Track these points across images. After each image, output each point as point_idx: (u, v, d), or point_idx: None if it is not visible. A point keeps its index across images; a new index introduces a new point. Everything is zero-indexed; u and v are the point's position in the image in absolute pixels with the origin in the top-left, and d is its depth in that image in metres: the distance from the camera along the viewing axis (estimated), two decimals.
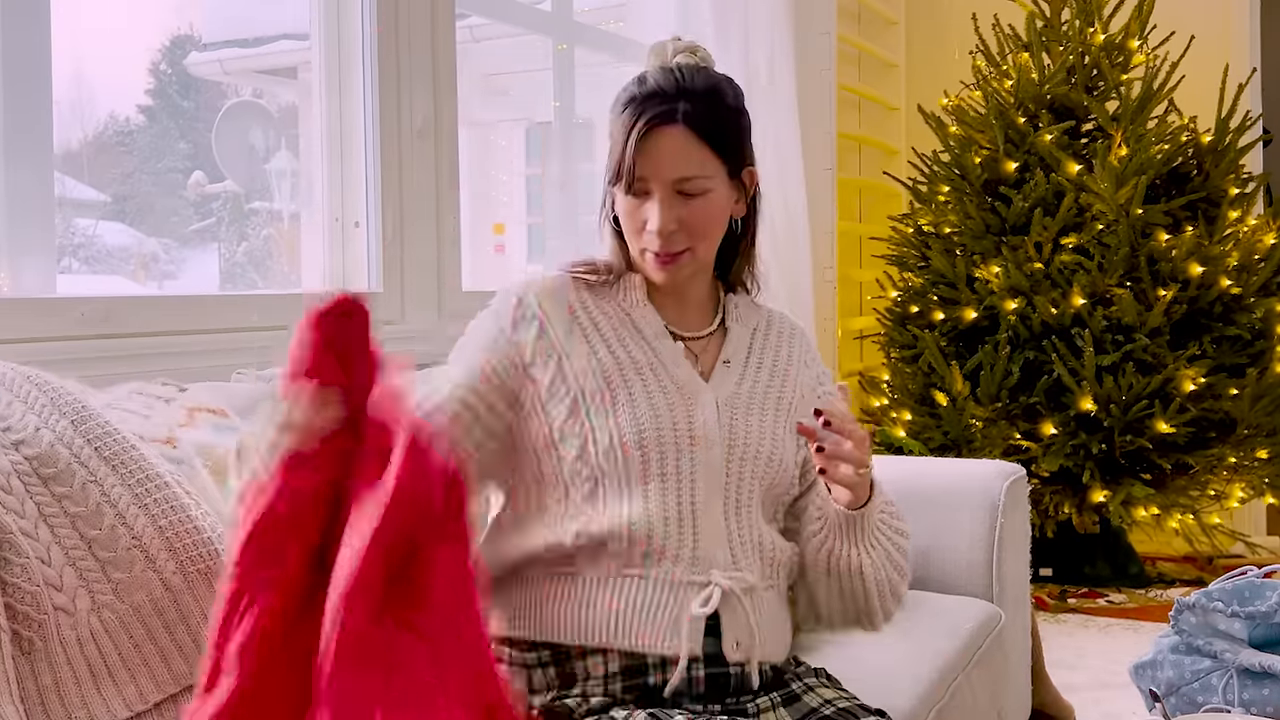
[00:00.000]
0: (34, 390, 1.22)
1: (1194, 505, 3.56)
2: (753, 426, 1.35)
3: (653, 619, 1.25)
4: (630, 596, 1.26)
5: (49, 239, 1.73)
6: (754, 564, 1.31)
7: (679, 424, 1.30)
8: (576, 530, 1.27)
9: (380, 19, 2.22)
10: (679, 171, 1.29)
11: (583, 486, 1.29)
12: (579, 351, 1.32)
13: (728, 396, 1.35)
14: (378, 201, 2.23)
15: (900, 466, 2.27)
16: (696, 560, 1.27)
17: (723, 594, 1.25)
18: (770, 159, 3.33)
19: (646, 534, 1.26)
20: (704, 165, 1.30)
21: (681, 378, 1.34)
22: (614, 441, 1.27)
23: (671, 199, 1.30)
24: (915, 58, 4.71)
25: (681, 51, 1.36)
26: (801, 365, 1.46)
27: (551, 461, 1.31)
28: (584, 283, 1.39)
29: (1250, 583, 2.00)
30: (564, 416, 1.29)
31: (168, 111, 3.29)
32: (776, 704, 1.29)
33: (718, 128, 1.30)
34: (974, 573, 2.07)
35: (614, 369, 1.31)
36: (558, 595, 1.29)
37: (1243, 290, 3.48)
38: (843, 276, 4.09)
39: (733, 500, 1.32)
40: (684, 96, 1.29)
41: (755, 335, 1.45)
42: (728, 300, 1.45)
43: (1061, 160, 3.54)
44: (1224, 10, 4.24)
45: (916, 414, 3.70)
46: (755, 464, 1.33)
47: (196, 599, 1.17)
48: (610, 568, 1.27)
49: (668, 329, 1.38)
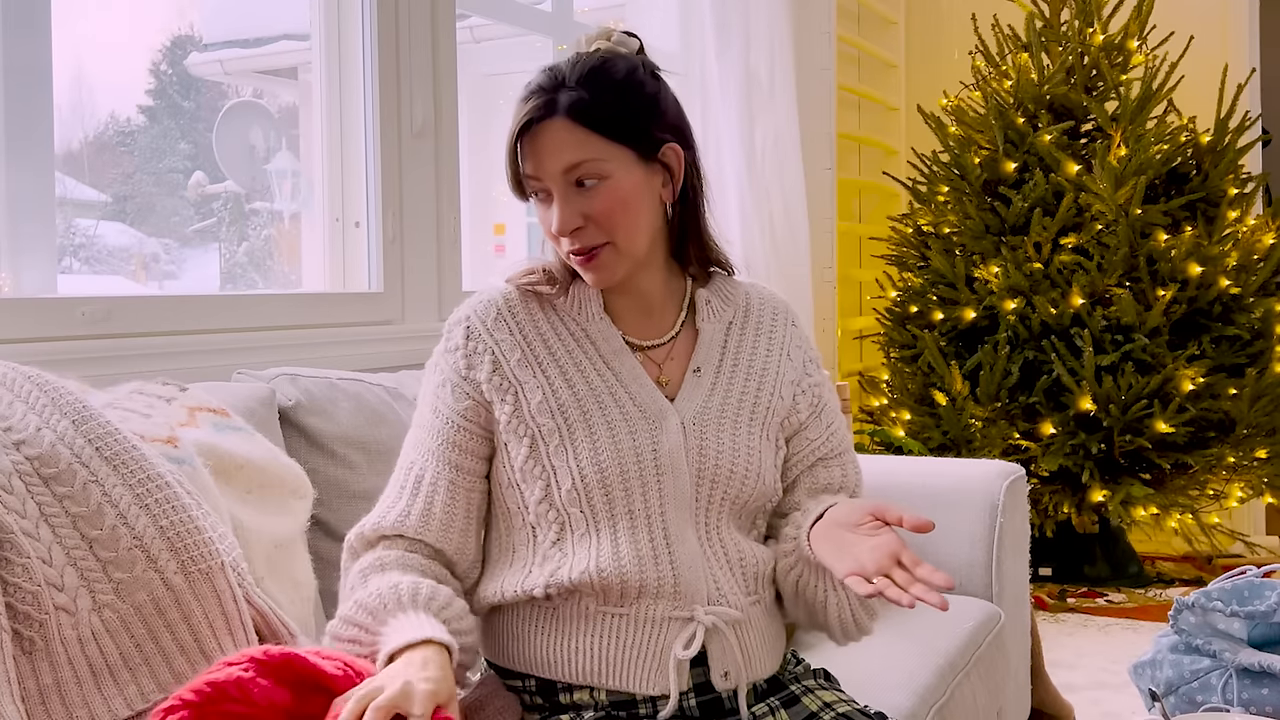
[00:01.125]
0: (35, 390, 1.22)
1: (1193, 505, 3.57)
2: (724, 444, 1.27)
3: (637, 659, 1.21)
4: (612, 636, 1.22)
5: (50, 239, 1.73)
6: (737, 584, 1.25)
7: (643, 455, 1.23)
8: (546, 581, 1.22)
9: (380, 19, 2.23)
10: (563, 161, 1.21)
11: (549, 530, 1.24)
12: (533, 384, 1.25)
13: (695, 413, 1.27)
14: (378, 201, 2.23)
15: (900, 466, 2.28)
16: (679, 594, 1.21)
17: (707, 630, 1.21)
18: (770, 159, 3.33)
19: (619, 578, 1.20)
20: (591, 149, 1.21)
21: (644, 399, 1.26)
22: (575, 484, 1.22)
23: (568, 193, 1.22)
24: (915, 58, 4.72)
25: (596, 38, 1.30)
26: (784, 357, 1.36)
27: (515, 500, 1.26)
28: (534, 295, 1.31)
29: (1249, 582, 2.00)
30: (524, 457, 1.24)
31: (168, 112, 3.29)
32: (775, 708, 1.27)
33: (603, 110, 1.21)
34: (973, 572, 2.07)
35: (571, 402, 1.24)
36: (538, 630, 1.25)
37: (1242, 290, 3.48)
38: (843, 276, 4.10)
39: (703, 524, 1.26)
40: (561, 87, 1.22)
41: (730, 332, 1.35)
42: (697, 296, 1.35)
43: (1061, 160, 3.54)
44: (1223, 10, 4.24)
45: (916, 414, 3.71)
46: (728, 484, 1.26)
47: (197, 599, 1.17)
48: (589, 606, 1.23)
49: (626, 340, 1.30)
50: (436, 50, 2.34)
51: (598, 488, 1.22)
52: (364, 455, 1.66)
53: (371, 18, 2.22)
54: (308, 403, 1.65)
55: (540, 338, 1.29)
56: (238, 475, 1.37)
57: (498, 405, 1.26)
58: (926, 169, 3.88)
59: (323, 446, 1.64)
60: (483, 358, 1.27)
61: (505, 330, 1.28)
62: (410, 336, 2.22)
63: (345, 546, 1.28)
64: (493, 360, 1.27)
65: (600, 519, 1.22)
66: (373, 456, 1.66)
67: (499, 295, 1.31)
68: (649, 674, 1.20)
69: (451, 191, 2.37)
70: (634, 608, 1.22)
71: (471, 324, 1.29)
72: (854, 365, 4.32)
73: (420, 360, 2.09)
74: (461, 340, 1.29)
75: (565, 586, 1.21)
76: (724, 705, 1.24)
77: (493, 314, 1.29)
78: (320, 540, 1.57)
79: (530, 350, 1.28)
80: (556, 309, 1.31)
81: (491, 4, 2.83)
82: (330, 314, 2.13)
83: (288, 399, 1.64)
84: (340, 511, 1.61)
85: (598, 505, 1.22)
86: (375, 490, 1.49)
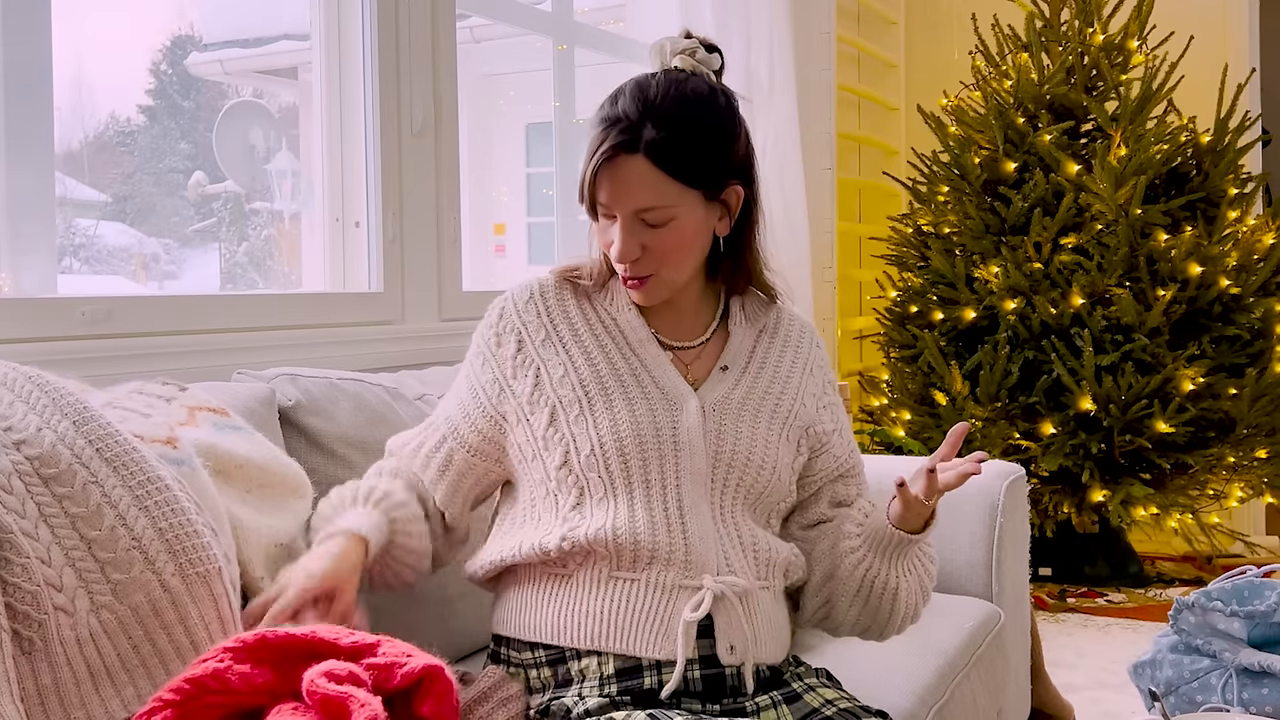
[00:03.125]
0: (35, 390, 1.22)
1: (1193, 505, 3.57)
2: (742, 433, 1.32)
3: (645, 623, 1.24)
4: (622, 600, 1.26)
5: (50, 239, 1.73)
6: (748, 565, 1.30)
7: (662, 430, 1.28)
8: (562, 535, 1.27)
9: (380, 19, 2.23)
10: (638, 203, 1.25)
11: (569, 494, 1.30)
12: (555, 361, 1.33)
13: (717, 401, 1.33)
14: (378, 201, 2.23)
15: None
16: (689, 564, 1.26)
17: (716, 598, 1.24)
18: (770, 159, 3.33)
19: (633, 540, 1.25)
20: (666, 195, 1.25)
21: (666, 383, 1.32)
22: (594, 449, 1.27)
23: (634, 226, 1.27)
24: (915, 58, 4.72)
25: (680, 52, 1.32)
26: (806, 373, 1.42)
27: (539, 469, 1.32)
28: (572, 286, 1.39)
29: (1249, 582, 2.00)
30: (544, 425, 1.31)
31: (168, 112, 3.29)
32: (777, 702, 1.28)
33: (684, 156, 1.25)
34: (973, 572, 2.07)
35: (591, 378, 1.31)
36: (550, 597, 1.29)
37: (1242, 290, 3.48)
38: (842, 276, 4.10)
39: (718, 505, 1.30)
40: (650, 121, 1.24)
41: (761, 336, 1.42)
42: (732, 303, 1.42)
43: (1061, 160, 3.54)
44: (1223, 10, 4.24)
45: (916, 414, 3.70)
46: (744, 471, 1.31)
47: (195, 601, 1.17)
48: (602, 570, 1.27)
49: (656, 336, 1.36)
50: (436, 50, 2.34)
51: (615, 455, 1.27)
52: (364, 455, 1.66)
53: (371, 18, 2.22)
54: (308, 403, 1.65)
55: (568, 323, 1.36)
56: (237, 475, 1.37)
57: (519, 381, 1.34)
58: (926, 169, 3.88)
59: (323, 446, 1.64)
60: (510, 336, 1.36)
61: (533, 313, 1.37)
62: (410, 336, 2.22)
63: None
64: (518, 339, 1.36)
65: (618, 485, 1.28)
66: (372, 456, 1.66)
67: (536, 281, 1.40)
68: (656, 638, 1.24)
69: (451, 191, 2.37)
70: (645, 573, 1.26)
71: (506, 305, 1.39)
72: (854, 365, 4.32)
73: (420, 360, 2.08)
74: (495, 319, 1.39)
75: (580, 544, 1.26)
76: (726, 683, 1.26)
77: (525, 296, 1.38)
78: None
79: (555, 332, 1.36)
80: (590, 299, 1.39)
81: (491, 4, 2.83)
82: (330, 314, 2.13)
83: (288, 399, 1.64)
84: None
85: (615, 472, 1.28)
86: None
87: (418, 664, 1.05)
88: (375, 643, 1.08)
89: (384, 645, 1.08)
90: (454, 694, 1.08)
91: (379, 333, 2.19)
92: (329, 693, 0.99)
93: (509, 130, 5.48)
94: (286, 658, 1.05)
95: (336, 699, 0.98)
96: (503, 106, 5.44)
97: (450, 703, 1.07)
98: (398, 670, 1.04)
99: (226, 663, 1.02)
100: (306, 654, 1.05)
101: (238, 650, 1.04)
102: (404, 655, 1.06)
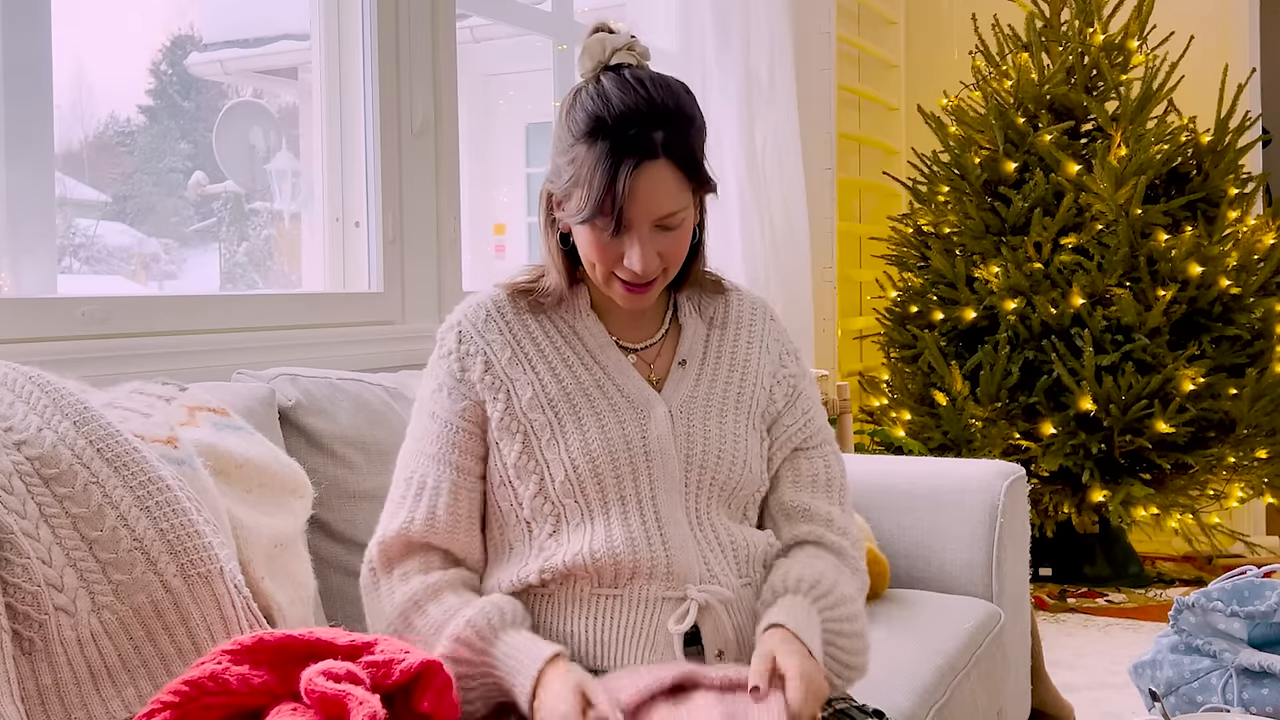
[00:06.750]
0: (36, 390, 1.22)
1: (1193, 505, 3.57)
2: (711, 431, 1.30)
3: (632, 639, 1.23)
4: (607, 617, 1.24)
5: (50, 239, 1.73)
6: (729, 567, 1.27)
7: (632, 442, 1.26)
8: (540, 567, 1.25)
9: (380, 19, 2.22)
10: (664, 209, 1.20)
11: (545, 523, 1.27)
12: (523, 381, 1.28)
13: (682, 402, 1.31)
14: (378, 201, 2.23)
15: (900, 467, 2.28)
16: (671, 575, 1.24)
17: (700, 608, 1.23)
18: (770, 159, 3.33)
19: (613, 560, 1.23)
20: (683, 197, 1.21)
21: (631, 390, 1.30)
22: (568, 474, 1.24)
23: (651, 235, 1.22)
24: (915, 58, 4.72)
25: (620, 49, 1.24)
26: (762, 350, 1.39)
27: (507, 497, 1.28)
28: (522, 297, 1.33)
29: (1250, 582, 2.00)
30: (517, 454, 1.27)
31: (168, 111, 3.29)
32: None
33: (692, 151, 1.21)
34: (973, 572, 2.07)
35: (560, 395, 1.27)
36: (536, 615, 1.27)
37: (1242, 290, 3.48)
38: (843, 276, 4.10)
39: (693, 509, 1.28)
40: (658, 121, 1.18)
41: (713, 327, 1.38)
42: (679, 296, 1.38)
43: (1061, 160, 3.54)
44: (1223, 10, 4.24)
45: (916, 414, 3.71)
46: (716, 470, 1.29)
47: (196, 602, 1.17)
48: (584, 589, 1.25)
49: (616, 342, 1.33)
50: (436, 50, 2.34)
51: (590, 477, 1.25)
52: (364, 455, 1.66)
53: (371, 18, 2.22)
54: (308, 403, 1.65)
55: (529, 336, 1.32)
56: (237, 474, 1.37)
57: (490, 404, 1.29)
58: (926, 169, 3.88)
59: (323, 446, 1.64)
60: (475, 359, 1.30)
61: (495, 331, 1.32)
62: (410, 336, 2.22)
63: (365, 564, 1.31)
64: (484, 360, 1.30)
65: (594, 506, 1.25)
66: (373, 456, 1.66)
67: (488, 299, 1.35)
68: (644, 652, 1.23)
69: (451, 191, 2.37)
70: (627, 589, 1.24)
71: (463, 328, 1.32)
72: (854, 365, 4.32)
73: (420, 360, 2.09)
74: (454, 344, 1.32)
75: (560, 571, 1.24)
76: None
77: (482, 316, 1.33)
78: (320, 540, 1.57)
79: (520, 349, 1.31)
80: (545, 309, 1.34)
81: (491, 4, 2.83)
82: (330, 314, 2.13)
83: (288, 399, 1.64)
84: (340, 511, 1.62)
85: (590, 494, 1.25)
86: (375, 490, 1.49)
87: (415, 659, 1.05)
88: (372, 641, 1.08)
89: (381, 643, 1.08)
90: (453, 689, 1.08)
91: (379, 333, 2.19)
92: (327, 692, 0.99)
93: (509, 130, 5.48)
94: (284, 658, 1.05)
95: (335, 698, 0.98)
96: (503, 106, 5.44)
97: (450, 698, 1.07)
98: (395, 666, 1.04)
99: (224, 664, 1.03)
100: (304, 654, 1.06)
101: (235, 652, 1.04)
102: (401, 652, 1.06)
